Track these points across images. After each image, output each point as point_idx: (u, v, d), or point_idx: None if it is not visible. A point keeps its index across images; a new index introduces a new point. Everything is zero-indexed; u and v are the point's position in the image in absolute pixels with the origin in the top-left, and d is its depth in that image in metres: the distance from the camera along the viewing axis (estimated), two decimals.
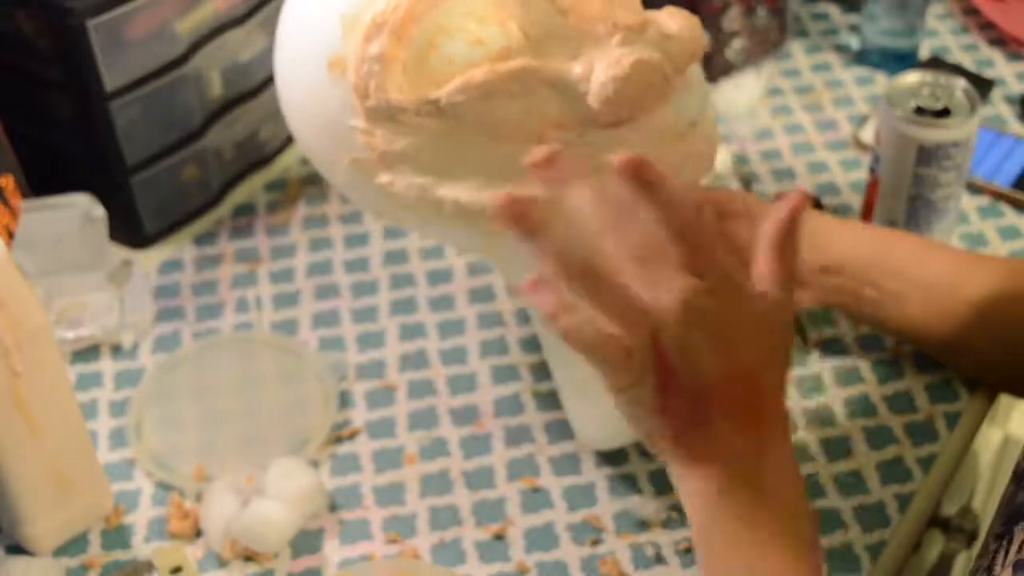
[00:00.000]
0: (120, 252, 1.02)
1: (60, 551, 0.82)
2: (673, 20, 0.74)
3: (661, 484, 0.84)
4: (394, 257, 1.02)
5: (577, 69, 0.72)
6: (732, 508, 0.65)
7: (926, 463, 0.86)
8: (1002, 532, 0.61)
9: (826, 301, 0.88)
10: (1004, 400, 0.90)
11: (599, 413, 0.82)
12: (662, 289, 0.63)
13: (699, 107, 0.77)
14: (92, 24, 0.90)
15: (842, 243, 0.86)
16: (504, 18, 0.72)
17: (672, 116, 0.75)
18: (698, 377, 0.64)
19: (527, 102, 0.72)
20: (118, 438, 0.89)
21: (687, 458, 0.66)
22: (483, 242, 0.78)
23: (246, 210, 1.07)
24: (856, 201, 1.05)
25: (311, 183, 1.09)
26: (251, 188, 1.09)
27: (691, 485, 0.66)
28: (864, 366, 0.92)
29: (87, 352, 0.95)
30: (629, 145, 0.73)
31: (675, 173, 0.73)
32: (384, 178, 0.74)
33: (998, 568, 0.59)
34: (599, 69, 0.71)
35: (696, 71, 0.78)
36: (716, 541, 0.66)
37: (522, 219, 0.62)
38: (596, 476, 0.86)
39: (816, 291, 0.87)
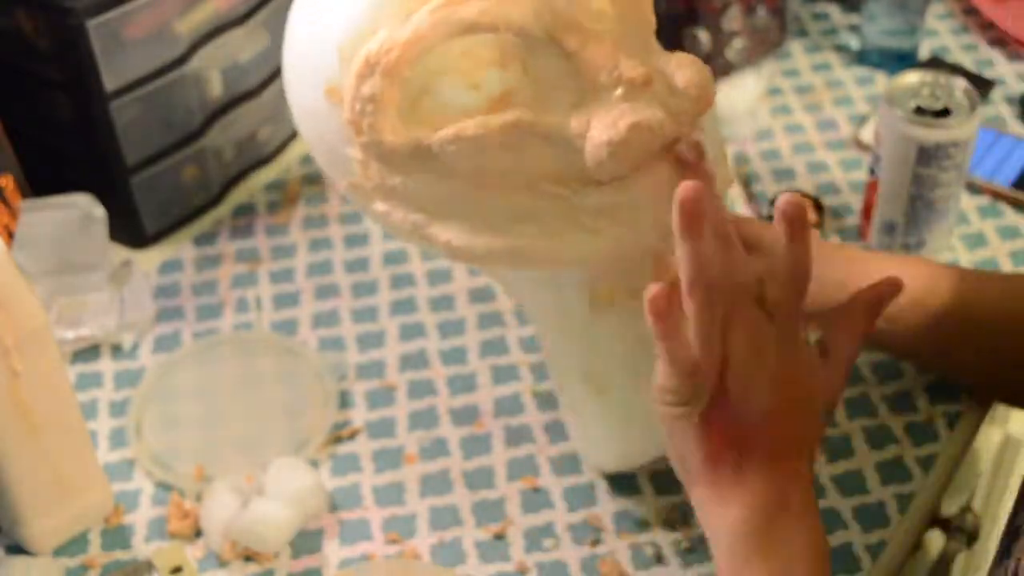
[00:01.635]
0: (120, 252, 1.02)
1: (60, 551, 0.82)
2: (681, 73, 0.70)
3: (661, 484, 0.84)
4: (394, 257, 1.02)
5: (573, 125, 0.68)
6: (753, 546, 0.66)
7: (926, 463, 0.86)
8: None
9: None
10: None
11: (605, 436, 0.82)
12: (738, 321, 0.65)
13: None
14: (92, 24, 0.90)
15: (841, 274, 0.85)
16: (506, 61, 0.70)
17: (671, 169, 0.71)
18: (748, 413, 0.67)
19: (520, 154, 0.69)
20: (118, 438, 0.89)
21: (715, 495, 0.68)
22: (484, 269, 0.78)
23: (246, 210, 1.07)
24: (856, 201, 1.05)
25: (311, 183, 1.09)
26: (251, 188, 1.09)
27: (714, 521, 0.68)
28: (864, 366, 0.92)
29: (87, 352, 0.95)
30: (623, 202, 0.70)
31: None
32: (380, 207, 0.73)
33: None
34: (596, 129, 0.68)
35: (707, 116, 0.74)
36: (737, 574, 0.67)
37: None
38: (596, 476, 0.86)
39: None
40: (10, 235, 0.94)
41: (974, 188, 1.05)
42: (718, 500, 0.68)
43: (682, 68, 0.70)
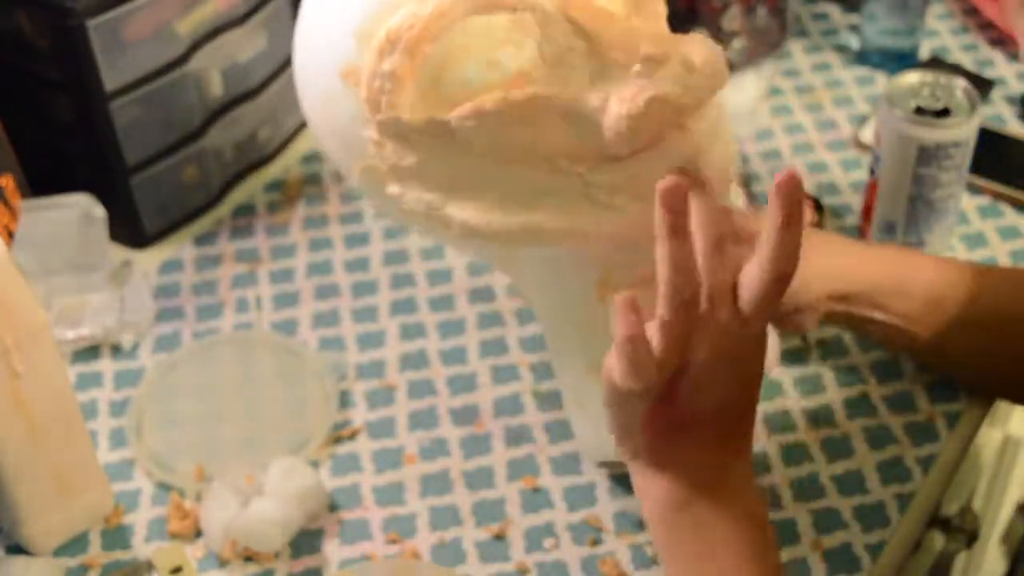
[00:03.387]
0: (120, 252, 1.02)
1: (60, 551, 0.82)
2: (696, 52, 0.71)
3: None
4: (394, 257, 1.02)
5: (592, 101, 0.69)
6: (692, 518, 0.68)
7: (926, 463, 0.86)
8: None
9: (834, 324, 0.88)
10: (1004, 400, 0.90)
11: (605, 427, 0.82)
12: (707, 324, 0.65)
13: (712, 134, 0.74)
14: (92, 24, 0.90)
15: (847, 269, 0.86)
16: (522, 39, 0.71)
17: (686, 146, 0.72)
18: (696, 404, 0.68)
19: (538, 130, 0.70)
20: (118, 438, 0.89)
21: (653, 469, 0.69)
22: (493, 255, 0.78)
23: (246, 210, 1.07)
24: (856, 201, 1.05)
25: (311, 183, 1.09)
26: (251, 188, 1.09)
27: (653, 495, 0.69)
28: (863, 366, 0.92)
29: (87, 352, 0.95)
30: (640, 177, 0.70)
31: None
32: (394, 189, 0.73)
33: None
34: (614, 103, 0.69)
35: (715, 102, 0.75)
36: (677, 552, 0.68)
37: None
38: (596, 476, 0.86)
39: (823, 316, 0.86)
40: (10, 235, 0.94)
41: (974, 188, 1.05)
42: (657, 478, 0.68)
43: (697, 47, 0.71)
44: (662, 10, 0.75)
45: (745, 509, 0.69)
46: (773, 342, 0.82)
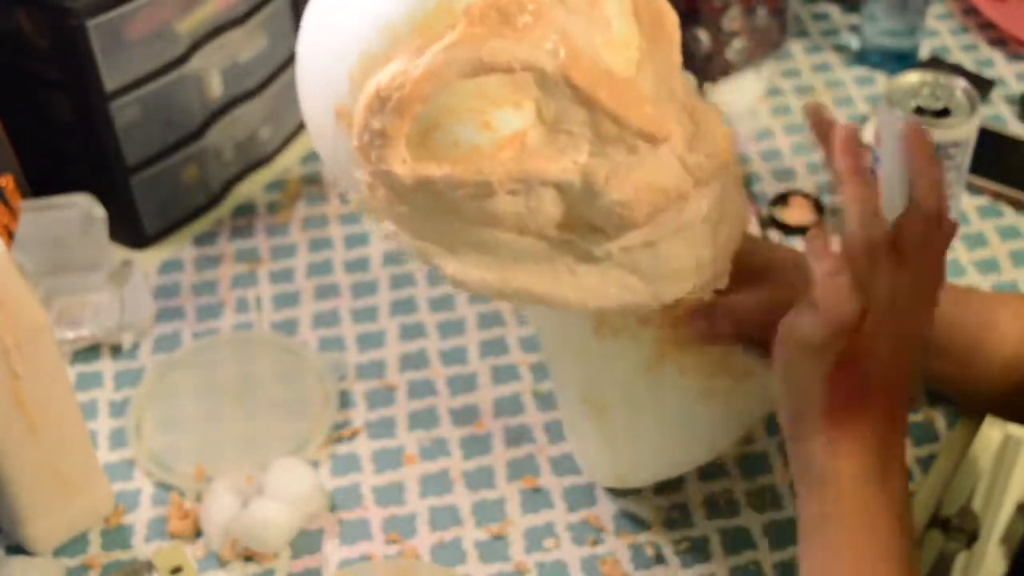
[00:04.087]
0: (120, 252, 1.02)
1: (60, 551, 0.82)
2: (705, 126, 0.69)
3: (661, 484, 0.84)
4: (394, 257, 1.02)
5: (585, 174, 0.67)
6: (867, 492, 0.68)
7: (926, 463, 0.86)
8: None
9: None
10: None
11: (601, 456, 0.82)
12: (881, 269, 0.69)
13: (717, 199, 0.71)
14: (92, 24, 0.90)
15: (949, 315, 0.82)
16: (520, 101, 0.67)
17: (680, 214, 0.70)
18: (871, 367, 0.68)
19: (528, 200, 0.67)
20: (118, 438, 0.89)
21: (837, 436, 0.68)
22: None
23: (246, 210, 1.07)
24: None
25: (311, 183, 1.09)
26: (251, 188, 1.09)
27: (831, 464, 0.68)
28: None
29: (87, 352, 0.95)
30: (633, 250, 0.69)
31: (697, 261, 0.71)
32: (388, 227, 0.71)
33: None
34: (608, 185, 0.66)
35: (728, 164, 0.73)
36: (842, 523, 0.68)
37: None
38: None
39: None
40: (10, 235, 0.94)
41: (974, 188, 1.05)
42: (840, 444, 0.68)
43: (705, 124, 0.69)
44: (678, 60, 0.72)
45: (901, 489, 0.69)
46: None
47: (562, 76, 0.65)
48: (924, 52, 1.20)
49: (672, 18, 0.71)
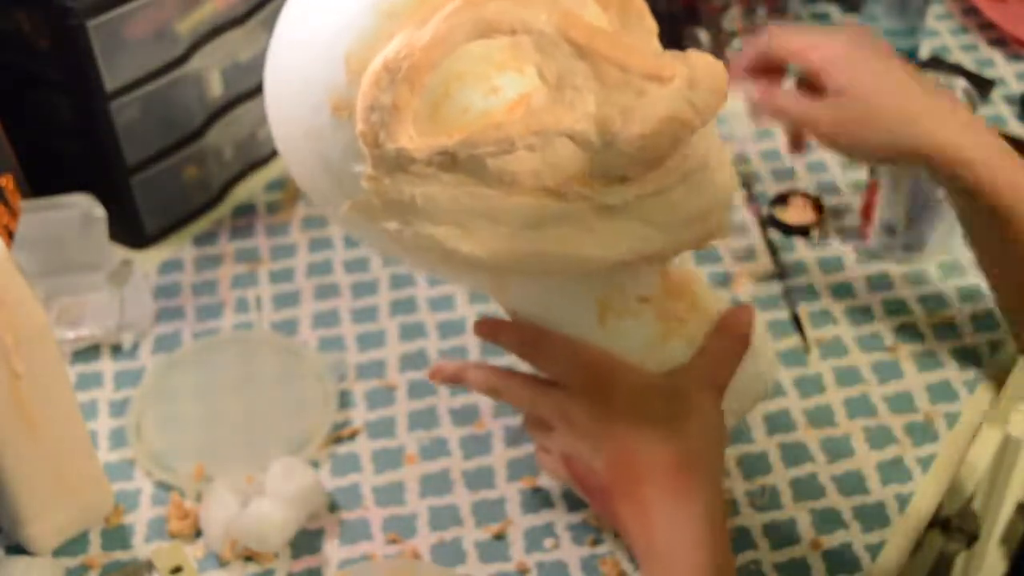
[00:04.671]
0: (120, 252, 1.02)
1: (60, 551, 0.82)
2: (699, 68, 0.69)
3: None
4: (394, 258, 1.01)
5: (598, 122, 0.68)
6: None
7: (926, 463, 0.86)
8: None
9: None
10: (1004, 400, 0.90)
11: None
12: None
13: (706, 148, 0.73)
14: (92, 24, 0.90)
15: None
16: (522, 64, 0.68)
17: (692, 163, 0.71)
18: (592, 471, 0.75)
19: (545, 155, 0.68)
20: (118, 438, 0.89)
21: (611, 526, 0.79)
22: (490, 285, 0.77)
23: (246, 210, 1.07)
24: (856, 201, 1.05)
25: None
26: (251, 188, 1.09)
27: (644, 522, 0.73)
28: (864, 366, 0.92)
29: (87, 352, 0.95)
30: (647, 197, 0.70)
31: (687, 218, 0.72)
32: (391, 225, 0.70)
33: None
34: (626, 123, 0.67)
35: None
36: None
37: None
38: None
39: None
40: (10, 235, 0.94)
41: None
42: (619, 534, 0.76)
43: (698, 63, 0.70)
44: (652, 26, 0.73)
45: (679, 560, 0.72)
46: (771, 355, 0.81)
47: (562, 35, 0.67)
48: (924, 52, 1.20)
49: None
